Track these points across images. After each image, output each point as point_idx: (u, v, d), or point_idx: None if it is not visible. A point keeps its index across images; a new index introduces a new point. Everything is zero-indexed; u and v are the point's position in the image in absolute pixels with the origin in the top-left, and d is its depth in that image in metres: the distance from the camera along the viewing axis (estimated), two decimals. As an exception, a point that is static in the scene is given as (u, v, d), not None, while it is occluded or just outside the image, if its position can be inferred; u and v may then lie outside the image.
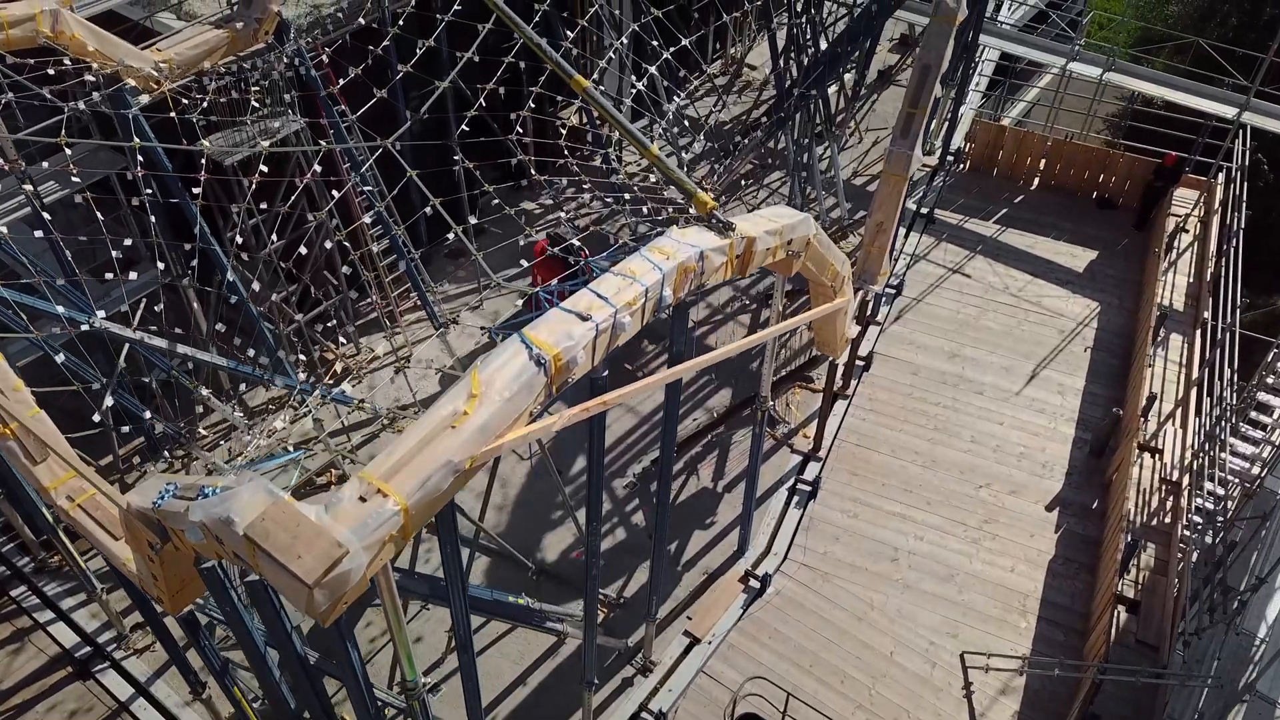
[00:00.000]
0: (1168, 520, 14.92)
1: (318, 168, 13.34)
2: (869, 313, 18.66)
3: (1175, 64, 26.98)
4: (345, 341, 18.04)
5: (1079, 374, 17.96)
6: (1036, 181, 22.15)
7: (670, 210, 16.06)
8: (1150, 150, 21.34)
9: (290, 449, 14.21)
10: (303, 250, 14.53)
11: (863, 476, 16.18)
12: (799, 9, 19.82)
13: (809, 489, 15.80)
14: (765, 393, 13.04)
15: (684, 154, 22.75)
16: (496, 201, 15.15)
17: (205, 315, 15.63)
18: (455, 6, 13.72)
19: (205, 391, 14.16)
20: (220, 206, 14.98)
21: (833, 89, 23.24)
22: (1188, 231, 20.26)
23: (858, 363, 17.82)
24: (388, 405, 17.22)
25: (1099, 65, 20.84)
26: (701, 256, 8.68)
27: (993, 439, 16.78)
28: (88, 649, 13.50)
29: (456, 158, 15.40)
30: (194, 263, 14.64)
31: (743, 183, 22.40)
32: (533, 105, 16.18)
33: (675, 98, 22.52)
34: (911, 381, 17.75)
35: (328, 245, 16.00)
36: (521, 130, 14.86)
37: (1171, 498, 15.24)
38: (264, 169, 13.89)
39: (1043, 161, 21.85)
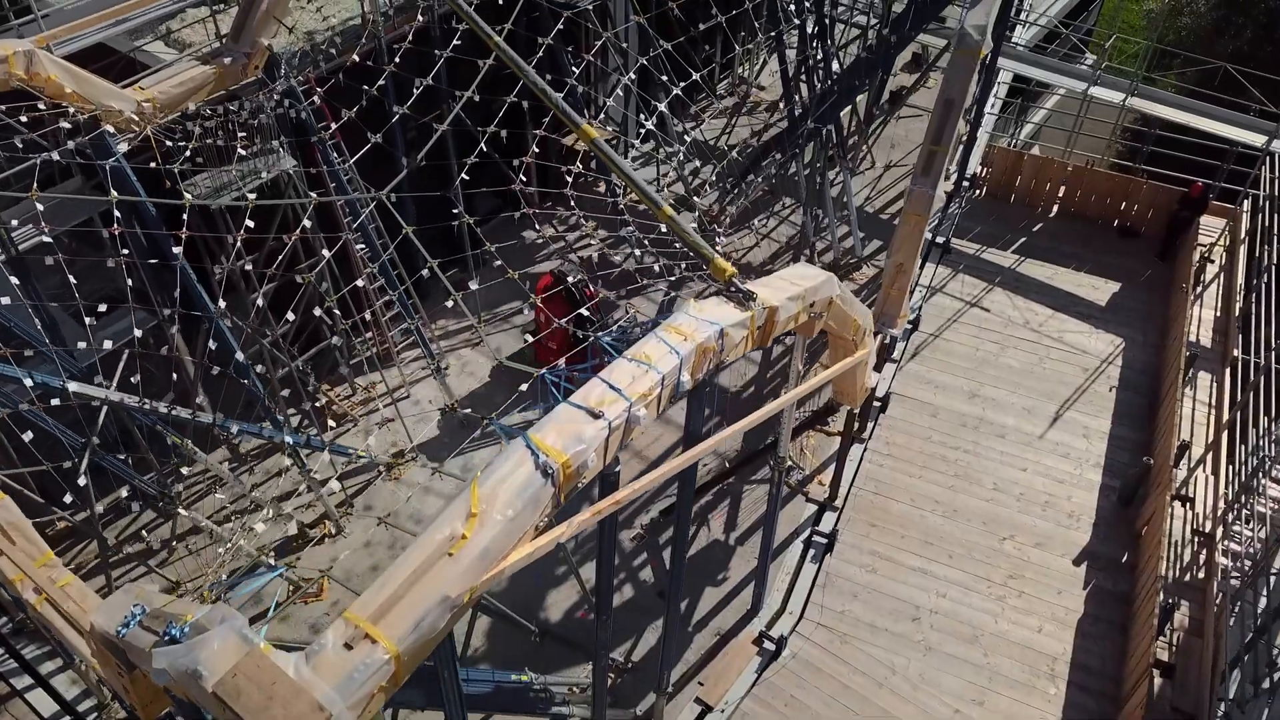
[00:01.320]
0: (1201, 575, 14.22)
1: (307, 222, 12.61)
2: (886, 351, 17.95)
3: (1185, 83, 26.30)
4: (341, 381, 17.35)
5: (1104, 415, 17.24)
6: (1055, 209, 21.43)
7: (676, 243, 15.34)
8: (1172, 176, 20.64)
9: (272, 559, 13.47)
10: (299, 275, 13.80)
11: (881, 527, 15.47)
12: (811, 34, 19.15)
13: (825, 541, 15.08)
14: (784, 453, 12.34)
15: (691, 179, 22.08)
16: (495, 248, 14.44)
17: (193, 357, 14.95)
18: (455, 42, 13.03)
19: (191, 446, 13.44)
20: (209, 249, 14.29)
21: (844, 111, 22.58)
22: (1213, 262, 19.56)
23: (874, 404, 17.11)
24: (385, 449, 16.52)
25: (1121, 90, 20.14)
26: (721, 335, 7.99)
27: (1016, 486, 16.07)
28: (67, 719, 12.80)
29: (456, 209, 14.72)
30: (176, 311, 13.96)
31: (751, 209, 21.71)
32: (534, 134, 15.52)
33: (682, 122, 21.86)
34: (930, 424, 17.04)
35: (323, 285, 15.30)
36: (519, 161, 14.16)
37: (1204, 550, 14.54)
38: (251, 223, 13.20)
39: (1062, 188, 21.14)
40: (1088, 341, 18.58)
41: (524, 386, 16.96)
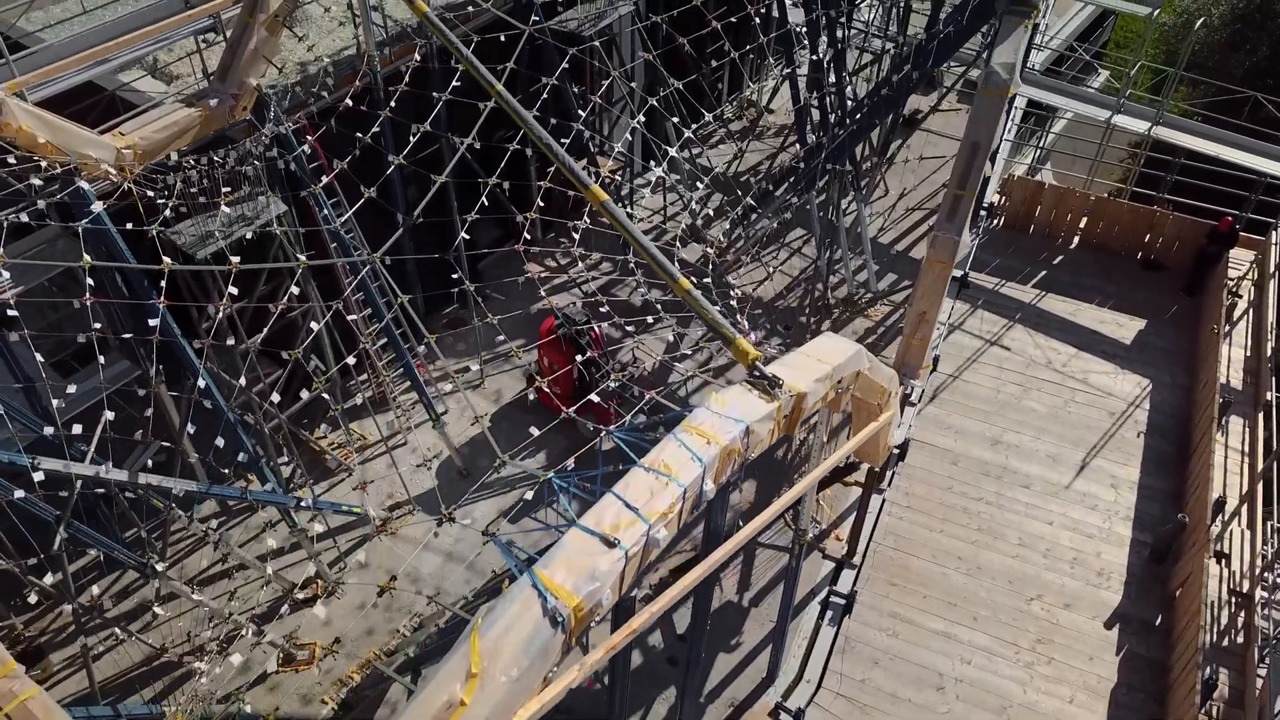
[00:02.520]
0: (1239, 640, 13.48)
1: (295, 289, 11.90)
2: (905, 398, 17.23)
3: (1203, 105, 25.50)
4: (335, 427, 16.62)
5: (1132, 463, 16.50)
6: (1076, 240, 20.69)
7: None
8: (1195, 206, 19.91)
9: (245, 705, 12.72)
10: (286, 353, 13.07)
11: (902, 587, 14.73)
12: (824, 59, 18.42)
13: (844, 602, 14.33)
14: (805, 525, 11.61)
15: (698, 207, 21.37)
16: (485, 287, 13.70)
17: (179, 407, 14.22)
18: (455, 83, 12.31)
19: (176, 510, 12.70)
20: (194, 296, 13.56)
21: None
22: (1240, 297, 18.82)
23: (892, 452, 16.35)
24: (380, 501, 15.79)
25: (1147, 119, 19.42)
26: (747, 433, 7.25)
27: (1042, 541, 15.33)
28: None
29: (456, 275, 14.07)
30: (156, 365, 13.24)
31: (761, 241, 20.98)
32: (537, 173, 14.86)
33: (689, 148, 21.14)
34: (951, 473, 16.30)
35: (315, 327, 14.58)
36: (524, 218, 13.47)
37: (1243, 612, 13.80)
38: (235, 289, 12.48)
39: (1083, 220, 20.41)
40: (1113, 383, 17.84)
41: (534, 430, 16.31)
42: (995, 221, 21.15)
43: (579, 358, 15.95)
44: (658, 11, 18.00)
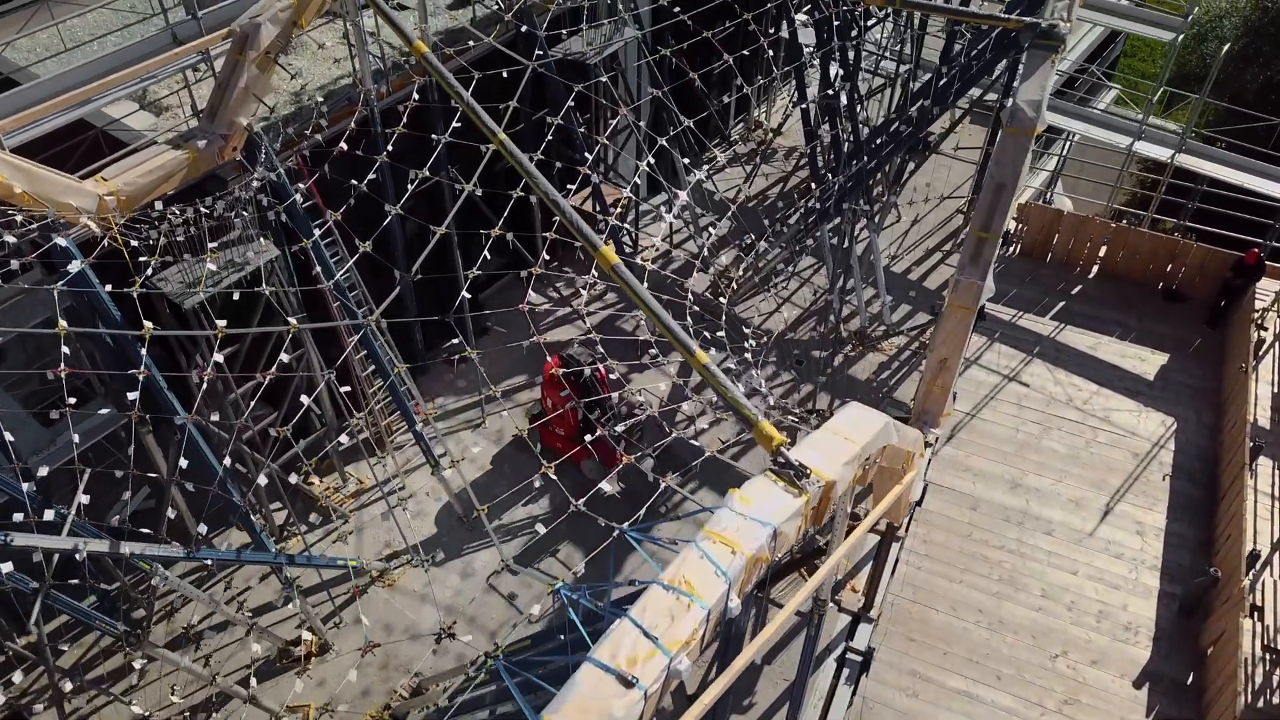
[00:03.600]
0: (1276, 700, 12.87)
1: (285, 356, 11.27)
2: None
3: (1217, 129, 24.91)
4: (330, 470, 16.01)
5: (1158, 508, 15.89)
6: (1095, 269, 20.09)
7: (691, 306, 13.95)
8: (1216, 234, 19.33)
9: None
10: (273, 428, 12.47)
11: (921, 643, 14.12)
12: (835, 81, 17.82)
13: (860, 659, 13.70)
14: (824, 595, 11.00)
15: (706, 235, 20.77)
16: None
17: (167, 457, 13.63)
18: (454, 124, 11.71)
19: (162, 570, 12.07)
20: (182, 347, 12.97)
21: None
22: (1266, 330, 18.20)
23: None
24: (377, 549, 15.18)
25: (1169, 146, 18.82)
26: (774, 536, 6.65)
27: (1066, 593, 14.72)
28: None
29: (458, 340, 13.51)
30: (138, 414, 12.64)
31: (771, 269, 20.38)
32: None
33: (695, 171, 20.56)
34: (970, 519, 15.69)
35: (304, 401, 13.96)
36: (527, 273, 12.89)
37: (1278, 670, 13.19)
38: (232, 305, 11.95)
39: (1103, 248, 19.81)
40: (1137, 422, 17.23)
41: (536, 480, 15.66)
42: (1012, 249, 20.55)
43: (580, 396, 15.39)
44: (663, 38, 17.43)
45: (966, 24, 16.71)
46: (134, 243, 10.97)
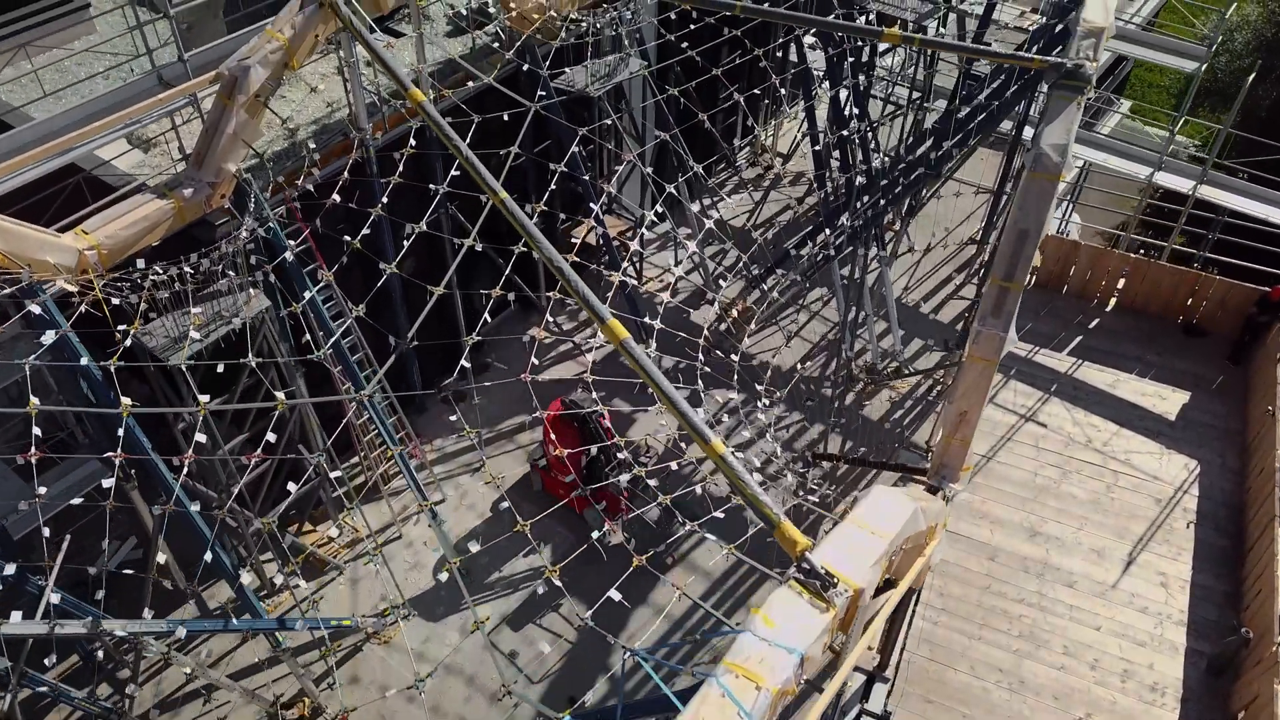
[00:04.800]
0: (1311, 768, 12.30)
1: (272, 435, 10.78)
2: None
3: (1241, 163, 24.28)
4: (323, 519, 15.45)
5: (1183, 558, 15.33)
6: (1113, 302, 19.52)
7: (706, 336, 13.37)
8: (1237, 265, 18.77)
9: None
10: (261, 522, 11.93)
11: (939, 704, 13.55)
12: (846, 107, 17.29)
13: (876, 724, 13.16)
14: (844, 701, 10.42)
15: (713, 265, 20.24)
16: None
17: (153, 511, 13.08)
18: (453, 172, 11.14)
19: (150, 644, 11.51)
20: (169, 400, 12.42)
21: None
22: (1290, 366, 17.65)
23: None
24: (372, 603, 14.63)
25: (1192, 177, 18.26)
26: (801, 663, 6.09)
27: (1089, 651, 14.15)
28: None
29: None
30: (131, 470, 12.14)
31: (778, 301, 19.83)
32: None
33: (699, 200, 20.03)
34: (989, 570, 15.12)
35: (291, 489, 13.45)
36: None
37: (1312, 736, 12.62)
38: (221, 358, 11.40)
39: (1121, 280, 19.24)
40: (1159, 465, 16.66)
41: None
42: (1028, 281, 19.96)
43: (583, 444, 14.87)
44: (668, 69, 16.92)
45: (989, 63, 16.18)
46: (115, 300, 10.44)
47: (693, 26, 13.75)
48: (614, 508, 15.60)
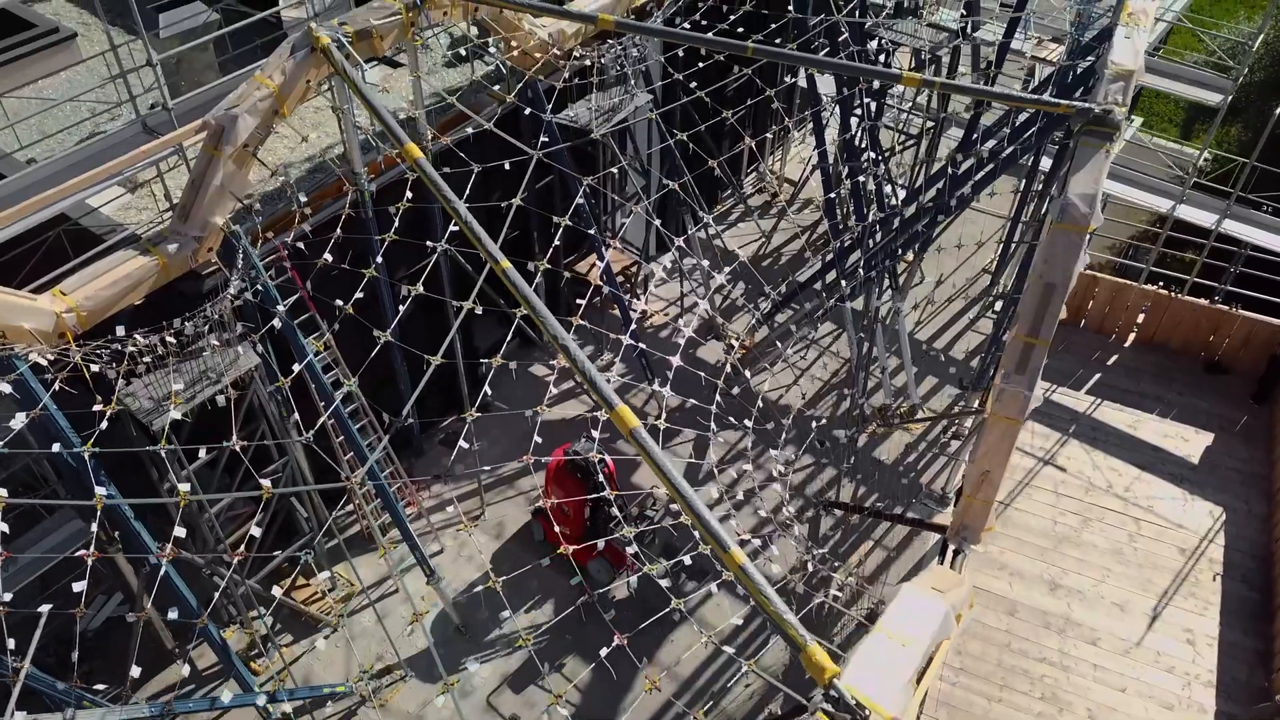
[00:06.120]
0: (1348, 844, 11.74)
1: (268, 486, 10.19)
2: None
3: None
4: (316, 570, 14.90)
5: (1210, 613, 14.77)
6: (1132, 337, 18.95)
7: (717, 363, 12.84)
8: (1261, 299, 18.18)
9: None
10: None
11: (959, 773, 13.01)
12: (856, 138, 16.72)
13: (893, 794, 12.59)
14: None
15: (719, 297, 19.69)
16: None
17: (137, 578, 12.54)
18: (451, 227, 10.60)
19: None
20: (155, 464, 11.86)
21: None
22: (1316, 406, 17.12)
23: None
24: (369, 662, 14.07)
25: (1215, 211, 17.71)
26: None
27: (1114, 714, 13.58)
28: None
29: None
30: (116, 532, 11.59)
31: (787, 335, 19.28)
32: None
33: (706, 230, 19.48)
34: (1008, 626, 14.56)
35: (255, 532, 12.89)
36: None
37: (1349, 809, 12.07)
38: (210, 417, 10.87)
39: (1140, 315, 18.68)
40: (1182, 512, 16.09)
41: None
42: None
43: (586, 494, 14.29)
44: (676, 98, 16.33)
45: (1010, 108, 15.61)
46: (95, 367, 9.88)
47: (701, 65, 13.18)
48: (618, 561, 15.04)
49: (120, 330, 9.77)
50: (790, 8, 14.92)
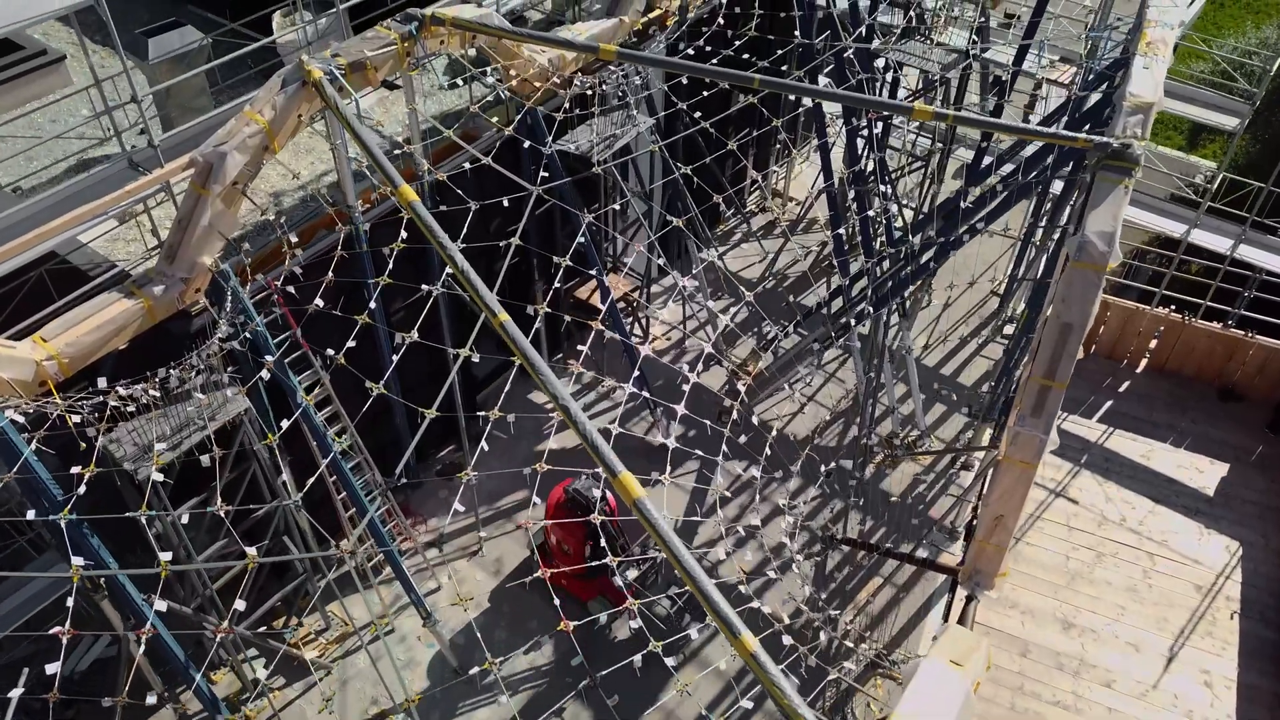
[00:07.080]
0: None
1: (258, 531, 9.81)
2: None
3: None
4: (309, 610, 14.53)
5: (1228, 653, 14.38)
6: (1144, 363, 18.57)
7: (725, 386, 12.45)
8: (1273, 323, 17.81)
9: None
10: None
11: (971, 824, 12.59)
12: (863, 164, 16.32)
13: None
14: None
15: (721, 320, 19.27)
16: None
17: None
18: (446, 271, 10.23)
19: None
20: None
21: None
22: (1333, 435, 16.74)
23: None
24: (364, 707, 13.69)
25: (1229, 236, 17.33)
26: None
27: (1131, 761, 13.24)
28: None
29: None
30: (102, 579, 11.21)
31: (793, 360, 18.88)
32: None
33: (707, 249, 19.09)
34: (1021, 668, 14.18)
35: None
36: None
37: None
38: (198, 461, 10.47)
39: (1153, 342, 18.30)
40: (1198, 547, 15.71)
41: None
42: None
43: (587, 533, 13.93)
44: (675, 129, 16.01)
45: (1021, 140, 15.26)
46: (77, 418, 9.51)
47: (705, 95, 12.80)
48: (617, 599, 14.66)
49: (102, 382, 9.38)
50: (797, 33, 14.53)
